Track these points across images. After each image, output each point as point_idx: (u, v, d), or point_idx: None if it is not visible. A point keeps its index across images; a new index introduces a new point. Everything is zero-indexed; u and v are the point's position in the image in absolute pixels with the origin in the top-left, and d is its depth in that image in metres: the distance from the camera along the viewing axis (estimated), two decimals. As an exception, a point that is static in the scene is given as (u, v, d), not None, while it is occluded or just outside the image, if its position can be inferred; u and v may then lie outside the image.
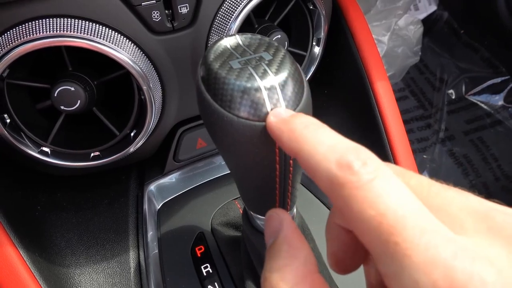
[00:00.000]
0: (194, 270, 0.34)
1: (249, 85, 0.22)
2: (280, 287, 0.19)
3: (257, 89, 0.22)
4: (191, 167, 0.43)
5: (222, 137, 0.24)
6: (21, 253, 0.31)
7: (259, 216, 0.28)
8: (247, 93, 0.22)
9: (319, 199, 0.40)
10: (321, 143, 0.18)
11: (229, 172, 0.43)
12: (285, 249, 0.21)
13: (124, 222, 0.39)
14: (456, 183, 0.63)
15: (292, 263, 0.20)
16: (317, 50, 0.44)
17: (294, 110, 0.23)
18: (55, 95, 0.33)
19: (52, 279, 0.32)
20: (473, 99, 1.11)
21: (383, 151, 0.41)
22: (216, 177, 0.42)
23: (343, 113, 0.46)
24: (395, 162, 0.42)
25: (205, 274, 0.34)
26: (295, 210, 0.29)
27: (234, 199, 0.39)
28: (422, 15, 1.19)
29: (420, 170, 1.00)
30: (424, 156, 1.02)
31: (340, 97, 0.47)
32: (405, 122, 1.07)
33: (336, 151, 0.17)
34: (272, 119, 0.22)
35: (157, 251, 0.36)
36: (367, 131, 0.43)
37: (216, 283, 0.33)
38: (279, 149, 0.23)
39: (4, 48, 0.30)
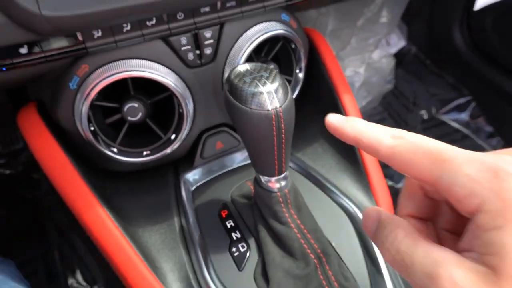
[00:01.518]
0: (222, 225, 0.49)
1: (256, 90, 0.38)
2: (397, 242, 0.24)
3: (261, 92, 0.38)
4: (213, 163, 0.58)
5: (240, 122, 0.40)
6: (109, 213, 0.46)
7: (265, 177, 0.44)
8: (255, 95, 0.38)
9: (309, 180, 0.55)
10: (378, 127, 0.27)
11: (241, 165, 0.59)
12: (388, 224, 0.26)
13: (167, 201, 0.54)
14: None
15: (395, 229, 0.25)
16: (300, 76, 0.61)
17: (282, 105, 0.39)
18: (125, 110, 0.50)
19: (126, 232, 0.47)
20: (443, 118, 1.29)
21: (354, 156, 0.57)
22: (232, 168, 0.58)
23: (322, 120, 0.63)
24: (360, 154, 0.57)
25: (229, 227, 0.49)
26: (287, 172, 0.44)
27: (246, 181, 0.54)
28: (394, 50, 1.39)
29: (400, 179, 1.15)
30: (403, 167, 1.18)
31: (319, 109, 0.64)
32: (385, 139, 1.24)
33: (390, 131, 0.26)
34: (332, 119, 0.30)
35: (194, 216, 0.51)
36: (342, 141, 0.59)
37: (237, 231, 0.48)
38: (275, 127, 0.39)
39: (97, 79, 0.46)
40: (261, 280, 0.44)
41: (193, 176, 0.57)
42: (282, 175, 0.44)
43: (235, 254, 0.46)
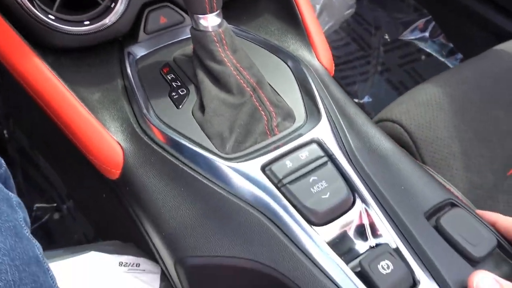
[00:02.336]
0: (163, 79, 0.50)
1: None
2: None
3: None
4: (158, 37, 0.58)
5: None
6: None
7: (198, 15, 0.44)
8: None
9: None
10: None
11: (186, 37, 0.59)
12: None
13: (111, 69, 0.54)
14: (393, 100, 0.84)
15: None
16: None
17: None
18: None
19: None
20: (405, 38, 1.31)
21: (296, 20, 0.58)
22: (175, 40, 0.58)
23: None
24: (302, 17, 0.58)
25: (170, 78, 0.49)
26: (220, 12, 0.45)
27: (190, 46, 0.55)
28: (356, -22, 1.39)
29: (363, 95, 1.18)
30: (366, 85, 1.20)
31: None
32: (348, 61, 1.26)
33: None
34: None
35: (136, 77, 0.51)
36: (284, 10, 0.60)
37: (178, 81, 0.49)
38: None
39: None
40: (198, 113, 0.45)
41: (137, 48, 0.57)
42: (214, 13, 0.45)
43: (175, 96, 0.47)
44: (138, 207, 0.44)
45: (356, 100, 1.18)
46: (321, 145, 0.42)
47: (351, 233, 0.38)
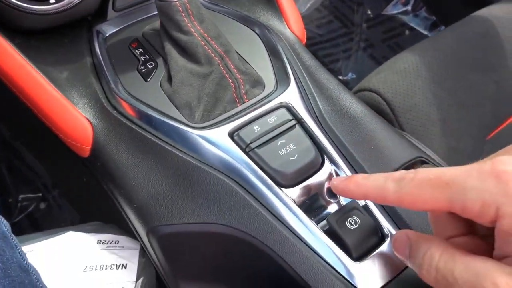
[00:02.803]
0: (131, 54, 0.49)
1: None
2: (435, 261, 0.24)
3: None
4: (127, 15, 0.58)
5: None
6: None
7: None
8: None
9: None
10: (377, 177, 0.27)
11: (153, 14, 0.58)
12: (421, 245, 0.26)
13: (80, 48, 0.53)
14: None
15: (430, 248, 0.25)
16: None
17: None
18: None
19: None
20: (388, 13, 1.30)
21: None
22: (145, 17, 0.57)
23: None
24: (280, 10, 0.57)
25: (138, 53, 0.49)
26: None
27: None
28: (336, -45, 1.38)
29: (347, 72, 1.17)
30: (349, 61, 1.20)
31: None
32: (331, 39, 1.25)
33: (390, 177, 0.27)
34: (336, 183, 0.31)
35: (105, 54, 0.51)
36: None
37: (146, 55, 0.48)
38: None
39: None
40: (166, 84, 0.45)
41: (106, 27, 0.56)
42: (177, -18, 0.44)
43: (143, 70, 0.47)
44: (111, 182, 0.44)
45: (340, 77, 1.17)
46: (289, 109, 0.41)
47: (320, 193, 0.38)
